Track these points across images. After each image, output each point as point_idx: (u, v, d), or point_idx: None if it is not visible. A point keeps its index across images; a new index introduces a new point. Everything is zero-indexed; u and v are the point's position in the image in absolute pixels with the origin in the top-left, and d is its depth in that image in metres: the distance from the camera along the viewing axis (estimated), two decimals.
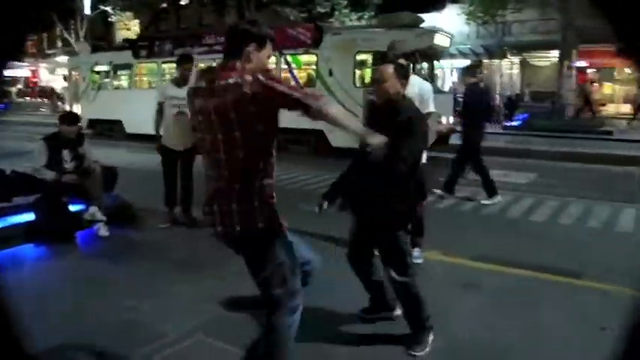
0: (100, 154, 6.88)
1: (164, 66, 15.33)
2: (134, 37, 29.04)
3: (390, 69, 3.20)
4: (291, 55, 13.03)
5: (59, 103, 29.96)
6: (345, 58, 12.06)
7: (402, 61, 4.63)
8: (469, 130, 7.27)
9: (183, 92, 5.95)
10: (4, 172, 5.65)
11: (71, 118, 5.91)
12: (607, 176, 10.02)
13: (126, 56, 16.33)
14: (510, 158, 11.95)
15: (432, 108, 4.67)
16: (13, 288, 4.20)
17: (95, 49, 23.40)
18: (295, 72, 13.06)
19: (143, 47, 16.05)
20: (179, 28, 17.06)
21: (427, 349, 3.25)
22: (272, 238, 2.42)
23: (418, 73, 10.77)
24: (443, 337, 3.39)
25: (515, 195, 7.74)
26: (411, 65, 9.34)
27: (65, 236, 5.49)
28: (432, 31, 12.35)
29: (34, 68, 40.21)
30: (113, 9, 25.80)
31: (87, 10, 24.21)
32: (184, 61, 6.09)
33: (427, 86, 4.74)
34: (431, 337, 3.31)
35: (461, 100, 8.89)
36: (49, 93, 34.18)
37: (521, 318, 3.70)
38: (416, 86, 4.64)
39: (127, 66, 16.47)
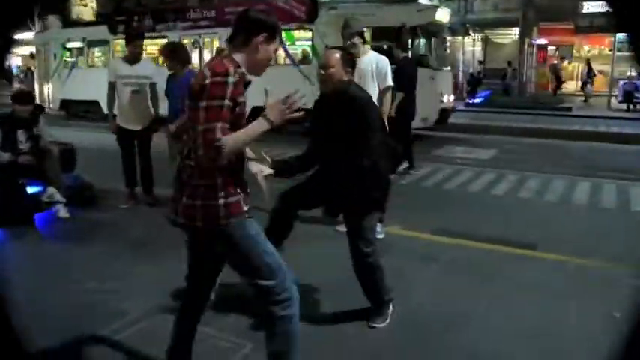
0: (72, 135, 6.75)
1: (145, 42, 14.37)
2: (91, 13, 28.33)
3: (336, 54, 3.08)
4: (284, 30, 12.27)
5: (16, 83, 28.91)
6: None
7: (356, 40, 4.66)
8: (401, 102, 7.46)
9: (135, 70, 5.88)
10: None
11: (25, 97, 5.73)
12: (565, 151, 10.35)
13: (101, 32, 15.28)
14: (472, 135, 12.20)
15: (389, 82, 4.75)
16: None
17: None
18: (288, 49, 12.53)
19: (120, 22, 14.93)
20: (161, 2, 15.53)
21: (387, 321, 3.34)
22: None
23: (416, 50, 10.80)
24: (402, 307, 3.50)
25: (476, 171, 7.93)
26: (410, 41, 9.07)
27: (23, 219, 5.36)
28: (434, 7, 12.11)
29: None
30: None
31: None
32: (135, 39, 5.99)
33: (385, 61, 4.80)
34: (391, 309, 3.40)
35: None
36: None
37: (477, 288, 3.84)
38: (373, 62, 4.72)
39: (103, 42, 15.45)
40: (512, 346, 3.03)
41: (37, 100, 17.03)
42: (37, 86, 18.07)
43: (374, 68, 4.66)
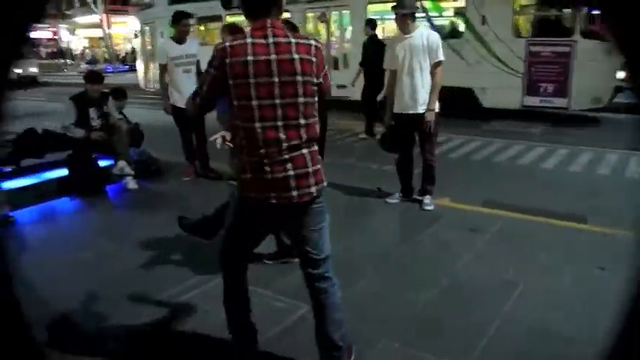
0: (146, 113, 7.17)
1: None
2: None
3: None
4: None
5: (82, 64, 30.27)
6: (502, 2, 9.89)
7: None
8: (369, 76, 8.30)
9: (184, 50, 6.11)
10: (36, 131, 5.97)
11: (95, 77, 6.16)
12: (615, 124, 9.93)
13: (213, 6, 14.15)
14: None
15: (440, 57, 4.75)
16: (49, 238, 4.64)
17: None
18: (434, 21, 11.02)
19: None
20: None
21: None
22: None
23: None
24: (448, 277, 3.65)
25: (527, 144, 7.84)
26: None
27: (96, 190, 5.84)
28: None
29: (54, 29, 40.42)
30: None
31: None
32: (183, 18, 6.14)
33: (435, 36, 4.81)
34: None
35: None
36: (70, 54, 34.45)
37: (525, 259, 3.91)
38: (424, 36, 4.72)
39: (216, 18, 14.40)
40: (556, 317, 3.09)
41: (141, 81, 17.87)
42: (141, 66, 18.10)
43: (425, 43, 4.67)
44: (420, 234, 4.55)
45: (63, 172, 5.85)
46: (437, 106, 4.85)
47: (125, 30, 31.22)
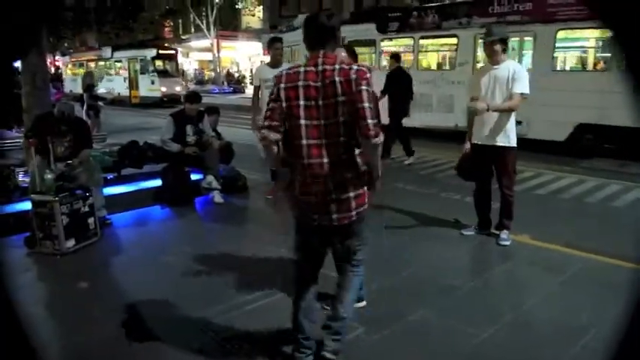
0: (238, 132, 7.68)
1: (422, 42, 12.56)
2: (258, 22, 30.85)
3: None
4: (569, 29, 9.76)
5: (191, 84, 32.46)
6: None
7: (497, 47, 4.61)
8: (394, 105, 8.90)
9: (277, 73, 6.38)
10: (138, 143, 6.55)
11: (194, 97, 6.65)
12: None
13: (366, 30, 13.17)
14: None
15: (524, 89, 4.59)
16: (139, 241, 5.04)
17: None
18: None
19: (394, 19, 12.88)
20: None
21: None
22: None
23: None
24: (514, 314, 3.53)
25: (625, 185, 7.33)
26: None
27: (185, 201, 6.27)
28: None
29: (173, 52, 43.56)
30: None
31: None
32: (274, 42, 6.38)
33: (522, 70, 4.69)
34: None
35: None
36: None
37: (599, 304, 3.67)
38: (511, 69, 4.62)
39: (367, 42, 13.29)
40: None
41: None
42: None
43: (510, 76, 4.57)
44: (492, 268, 4.44)
45: (157, 182, 6.35)
46: (513, 141, 4.72)
47: (233, 54, 33.14)
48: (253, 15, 30.58)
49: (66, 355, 3.18)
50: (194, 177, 6.57)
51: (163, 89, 22.89)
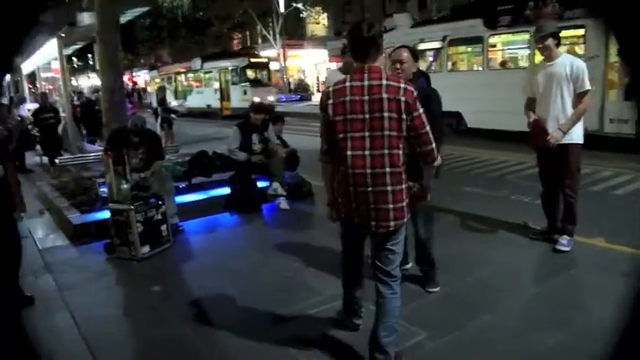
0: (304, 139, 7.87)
1: None
2: (323, 30, 31.22)
3: (405, 51, 3.59)
4: None
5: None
6: None
7: (548, 42, 4.39)
8: None
9: None
10: (207, 153, 6.82)
11: (258, 107, 6.86)
12: None
13: (470, 27, 12.36)
14: None
15: (587, 86, 4.37)
16: (210, 247, 5.24)
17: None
18: None
19: (505, 12, 11.76)
20: None
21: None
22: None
23: None
24: (583, 322, 3.39)
25: None
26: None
27: (253, 207, 6.45)
28: None
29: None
30: (304, 5, 27.81)
31: (282, 9, 26.52)
32: (342, 53, 6.48)
33: (580, 64, 4.43)
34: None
35: None
36: None
37: None
38: (567, 64, 4.39)
39: (472, 40, 12.53)
40: None
41: None
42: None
43: (568, 72, 4.34)
44: (561, 274, 4.24)
45: (226, 190, 6.58)
46: (578, 137, 4.50)
47: (299, 62, 33.65)
48: (318, 23, 30.96)
49: (139, 349, 3.38)
50: (261, 184, 6.74)
51: (256, 99, 20.34)
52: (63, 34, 8.83)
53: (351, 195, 2.73)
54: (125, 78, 42.72)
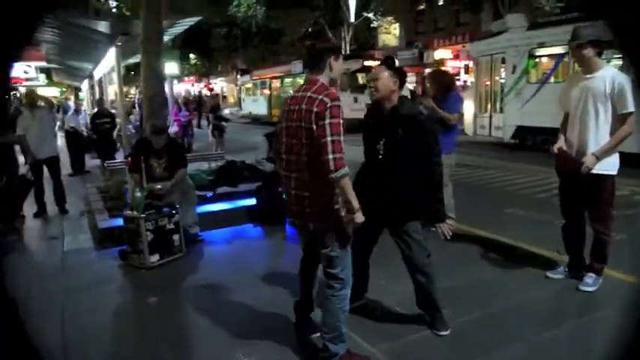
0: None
1: None
2: (394, 40, 30.84)
3: (383, 69, 3.36)
4: None
5: None
6: None
7: (586, 51, 3.83)
8: None
9: None
10: (235, 163, 6.81)
11: None
12: None
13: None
14: None
15: (629, 107, 3.72)
16: (223, 259, 5.15)
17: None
18: None
19: None
20: None
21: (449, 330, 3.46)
22: None
23: None
24: None
25: None
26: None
27: (277, 220, 6.33)
28: None
29: None
30: (375, 15, 27.60)
31: (352, 19, 26.44)
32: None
33: (624, 80, 3.75)
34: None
35: None
36: None
37: None
38: (608, 79, 3.80)
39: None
40: None
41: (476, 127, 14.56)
42: (471, 107, 14.44)
43: (608, 88, 3.75)
44: (584, 316, 3.77)
45: (252, 201, 6.51)
46: (612, 167, 3.92)
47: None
48: (389, 33, 30.63)
49: None
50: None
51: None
52: (119, 43, 9.16)
53: (292, 198, 3.00)
54: (202, 85, 44.58)
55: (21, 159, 7.95)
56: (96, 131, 10.45)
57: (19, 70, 21.36)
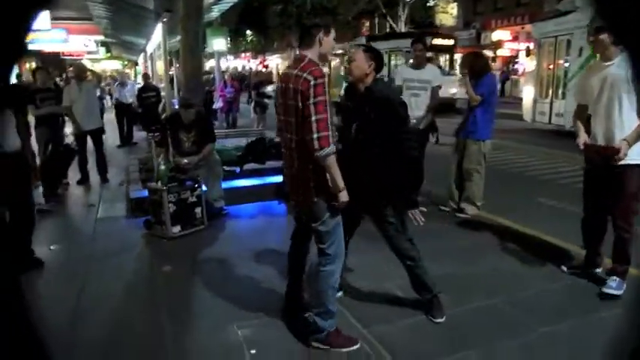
0: None
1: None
2: (452, 20, 29.96)
3: (359, 51, 3.35)
4: None
5: None
6: None
7: (602, 36, 3.61)
8: None
9: (419, 74, 6.16)
10: (264, 140, 6.90)
11: None
12: None
13: None
14: None
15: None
16: (244, 233, 5.27)
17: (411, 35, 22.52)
18: None
19: None
20: None
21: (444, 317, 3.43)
22: None
23: None
24: None
25: None
26: None
27: None
28: None
29: None
30: None
31: None
32: (417, 43, 6.23)
33: None
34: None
35: None
36: None
37: None
38: (627, 65, 3.52)
39: None
40: None
41: (527, 113, 13.88)
42: (529, 93, 13.83)
43: (629, 74, 3.53)
44: (587, 315, 3.62)
45: (278, 178, 6.59)
46: (636, 155, 3.66)
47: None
48: (446, 12, 29.79)
49: (112, 328, 3.52)
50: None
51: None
52: (164, 20, 9.39)
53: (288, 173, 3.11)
54: (257, 61, 45.00)
55: (67, 129, 8.37)
56: (141, 104, 10.84)
57: (79, 43, 22.18)
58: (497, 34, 26.22)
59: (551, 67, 13.38)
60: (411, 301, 3.63)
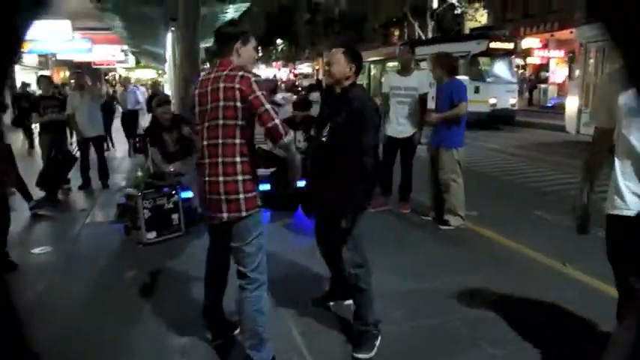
0: None
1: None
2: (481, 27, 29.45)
3: (339, 52, 3.20)
4: None
5: None
6: None
7: None
8: None
9: (406, 81, 6.06)
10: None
11: (302, 105, 6.73)
12: None
13: None
14: None
15: None
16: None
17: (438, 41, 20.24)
18: None
19: None
20: None
21: (373, 353, 3.08)
22: None
23: None
24: None
25: None
26: None
27: (289, 207, 6.36)
28: None
29: None
30: (459, 1, 26.52)
31: (435, 5, 25.67)
32: (402, 46, 6.17)
33: None
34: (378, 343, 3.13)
35: None
36: None
37: None
38: None
39: None
40: None
41: (570, 124, 12.80)
42: (574, 103, 12.79)
43: None
44: (546, 341, 3.45)
45: (266, 186, 6.57)
46: None
47: None
48: (475, 20, 29.33)
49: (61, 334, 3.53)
50: (301, 184, 6.59)
51: (492, 101, 15.64)
52: (172, 28, 9.54)
53: (204, 186, 2.83)
54: (287, 70, 45.39)
55: (74, 137, 8.60)
56: (150, 112, 11.00)
57: (106, 53, 22.71)
58: (527, 42, 25.65)
59: (599, 74, 12.19)
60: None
